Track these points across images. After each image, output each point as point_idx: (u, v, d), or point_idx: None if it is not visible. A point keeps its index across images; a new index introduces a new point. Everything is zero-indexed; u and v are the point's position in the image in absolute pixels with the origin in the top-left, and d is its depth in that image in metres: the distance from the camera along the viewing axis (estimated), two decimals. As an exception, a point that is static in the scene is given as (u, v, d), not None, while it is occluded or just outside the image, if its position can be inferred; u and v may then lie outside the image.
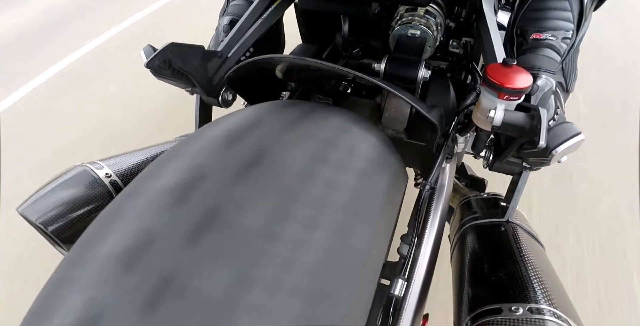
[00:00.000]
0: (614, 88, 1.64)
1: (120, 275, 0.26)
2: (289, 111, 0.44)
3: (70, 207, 0.47)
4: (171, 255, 0.27)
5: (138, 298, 0.25)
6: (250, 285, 0.26)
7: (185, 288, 0.25)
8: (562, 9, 0.56)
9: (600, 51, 1.83)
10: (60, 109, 1.79)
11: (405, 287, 0.46)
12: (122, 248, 0.28)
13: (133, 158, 0.55)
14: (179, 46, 0.49)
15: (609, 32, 1.94)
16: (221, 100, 0.60)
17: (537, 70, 0.53)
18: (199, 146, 0.38)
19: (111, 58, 2.11)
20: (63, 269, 0.29)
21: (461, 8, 0.71)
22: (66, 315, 0.25)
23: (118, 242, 0.29)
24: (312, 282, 0.28)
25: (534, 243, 0.55)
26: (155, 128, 1.63)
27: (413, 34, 0.63)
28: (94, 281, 0.27)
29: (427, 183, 0.50)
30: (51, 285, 0.29)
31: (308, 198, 0.33)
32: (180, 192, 0.32)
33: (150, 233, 0.29)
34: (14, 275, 1.15)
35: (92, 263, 0.28)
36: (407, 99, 0.46)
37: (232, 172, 0.33)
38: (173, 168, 0.35)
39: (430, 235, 0.51)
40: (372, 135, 0.46)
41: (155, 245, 0.28)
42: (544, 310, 0.42)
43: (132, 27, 2.39)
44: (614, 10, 1.98)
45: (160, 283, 0.26)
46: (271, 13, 0.64)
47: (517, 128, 0.42)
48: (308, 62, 0.46)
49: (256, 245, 0.29)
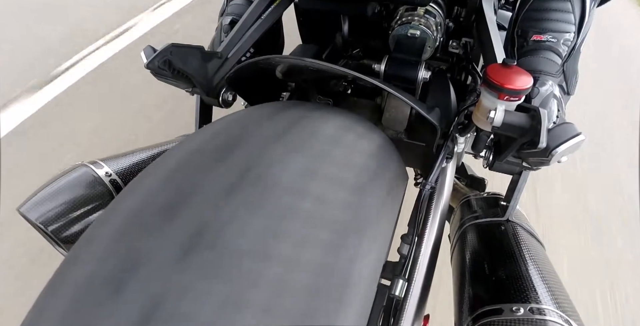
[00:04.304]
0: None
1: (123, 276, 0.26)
2: (290, 112, 0.44)
3: (71, 206, 0.47)
4: (173, 258, 0.27)
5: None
6: (251, 285, 0.26)
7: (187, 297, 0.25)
8: (563, 11, 0.56)
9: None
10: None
11: (406, 287, 0.46)
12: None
13: (133, 157, 0.55)
14: (179, 47, 0.49)
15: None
16: (221, 101, 0.59)
17: (538, 74, 0.53)
18: (203, 142, 0.38)
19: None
20: (64, 269, 0.29)
21: (461, 8, 0.71)
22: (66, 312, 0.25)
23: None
24: (311, 282, 0.28)
25: (534, 242, 0.55)
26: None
27: (413, 34, 0.63)
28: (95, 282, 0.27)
29: (427, 183, 0.50)
30: (52, 285, 0.29)
31: (308, 198, 0.33)
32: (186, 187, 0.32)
33: (150, 231, 0.29)
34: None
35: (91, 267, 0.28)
36: (407, 100, 0.46)
37: (227, 184, 0.33)
38: (174, 165, 0.35)
39: (431, 234, 0.51)
40: (373, 135, 0.46)
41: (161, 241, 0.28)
42: (545, 310, 0.42)
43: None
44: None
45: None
46: (271, 13, 0.64)
47: (517, 129, 0.42)
48: (308, 63, 0.46)
49: (278, 210, 0.29)
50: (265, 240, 0.29)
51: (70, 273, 0.29)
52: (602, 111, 1.78)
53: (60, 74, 1.69)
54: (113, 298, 0.25)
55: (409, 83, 0.59)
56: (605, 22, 2.23)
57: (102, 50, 1.84)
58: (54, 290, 0.28)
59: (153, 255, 0.27)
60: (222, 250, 0.27)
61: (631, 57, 2.16)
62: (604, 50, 2.14)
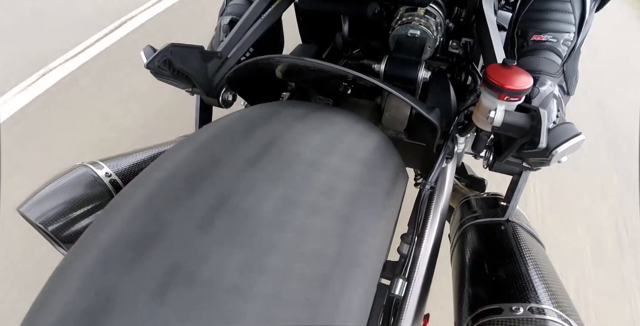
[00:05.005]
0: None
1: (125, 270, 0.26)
2: (290, 111, 0.44)
3: (70, 206, 0.47)
4: (180, 244, 0.28)
5: (149, 287, 0.25)
6: (251, 284, 0.26)
7: (194, 273, 0.26)
8: (563, 11, 0.56)
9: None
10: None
11: (406, 287, 0.46)
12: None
13: (133, 158, 0.55)
14: (179, 47, 0.49)
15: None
16: (221, 101, 0.59)
17: (538, 74, 0.53)
18: (211, 134, 0.39)
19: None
20: (63, 267, 0.29)
21: (461, 8, 0.71)
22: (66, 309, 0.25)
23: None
24: (311, 283, 0.28)
25: (534, 242, 0.55)
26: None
27: (413, 34, 0.63)
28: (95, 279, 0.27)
29: (427, 183, 0.50)
30: (51, 283, 0.29)
31: (308, 198, 0.33)
32: (190, 182, 0.32)
33: (150, 232, 0.29)
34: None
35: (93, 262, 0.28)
36: (407, 100, 0.46)
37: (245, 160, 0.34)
38: (175, 162, 0.35)
39: (431, 234, 0.51)
40: (373, 135, 0.46)
41: (165, 238, 0.28)
42: (544, 310, 0.42)
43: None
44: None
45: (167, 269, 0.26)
46: (271, 13, 0.64)
47: (518, 129, 0.42)
48: (308, 63, 0.46)
49: (259, 239, 0.29)
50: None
51: (76, 263, 0.29)
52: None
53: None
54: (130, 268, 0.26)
55: (409, 83, 0.59)
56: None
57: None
58: (55, 285, 0.28)
59: (169, 230, 0.28)
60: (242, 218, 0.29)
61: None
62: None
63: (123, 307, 0.24)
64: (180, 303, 0.25)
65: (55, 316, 0.25)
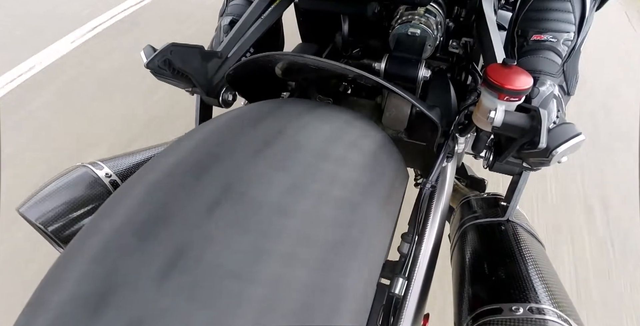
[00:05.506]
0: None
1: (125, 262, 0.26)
2: (291, 109, 0.44)
3: (70, 206, 0.47)
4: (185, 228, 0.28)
5: (152, 269, 0.25)
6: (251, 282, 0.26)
7: (199, 257, 0.26)
8: (563, 11, 0.56)
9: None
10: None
11: (406, 286, 0.46)
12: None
13: (133, 158, 0.55)
14: (179, 46, 0.49)
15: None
16: (221, 101, 0.59)
17: (538, 74, 0.53)
18: (215, 127, 0.39)
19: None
20: (61, 264, 0.29)
21: (461, 8, 0.71)
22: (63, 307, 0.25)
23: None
24: (311, 282, 0.28)
25: (534, 242, 0.55)
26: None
27: (413, 33, 0.63)
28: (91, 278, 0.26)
29: (428, 182, 0.50)
30: (47, 281, 0.29)
31: (308, 197, 0.33)
32: (194, 174, 0.32)
33: (156, 216, 0.29)
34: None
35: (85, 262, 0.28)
36: (408, 97, 0.46)
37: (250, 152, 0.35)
38: (176, 160, 0.35)
39: (431, 233, 0.51)
40: (373, 134, 0.46)
41: (170, 222, 0.28)
42: (544, 310, 0.42)
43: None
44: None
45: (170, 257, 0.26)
46: (271, 13, 0.64)
47: (518, 129, 0.42)
48: (308, 60, 0.46)
49: (264, 225, 0.29)
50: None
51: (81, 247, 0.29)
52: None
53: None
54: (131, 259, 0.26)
55: (409, 82, 0.59)
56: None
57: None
58: (59, 270, 0.28)
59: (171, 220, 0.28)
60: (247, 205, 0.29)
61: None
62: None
63: (127, 290, 0.25)
64: (184, 287, 0.25)
65: (60, 298, 0.25)
